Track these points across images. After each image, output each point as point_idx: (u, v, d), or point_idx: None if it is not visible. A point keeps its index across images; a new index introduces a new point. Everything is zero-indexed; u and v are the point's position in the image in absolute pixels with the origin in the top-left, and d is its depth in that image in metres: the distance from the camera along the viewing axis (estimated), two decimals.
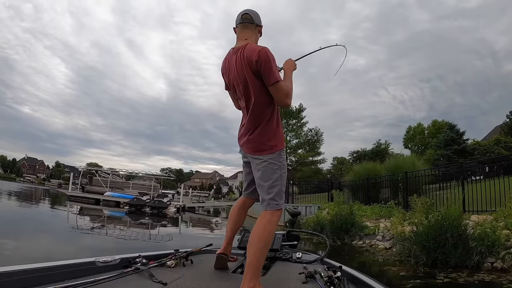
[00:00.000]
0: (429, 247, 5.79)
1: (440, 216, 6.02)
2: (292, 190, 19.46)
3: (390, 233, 8.31)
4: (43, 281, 1.66)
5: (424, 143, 42.96)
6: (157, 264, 2.24)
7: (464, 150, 28.44)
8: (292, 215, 3.87)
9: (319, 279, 2.02)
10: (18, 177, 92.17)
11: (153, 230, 13.93)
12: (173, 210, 23.24)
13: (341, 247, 8.92)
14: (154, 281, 1.87)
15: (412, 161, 13.86)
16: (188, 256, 2.45)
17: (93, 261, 2.05)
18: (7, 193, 27.57)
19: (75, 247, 7.95)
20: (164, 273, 2.09)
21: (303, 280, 2.07)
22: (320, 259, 2.84)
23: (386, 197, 12.33)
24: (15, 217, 12.22)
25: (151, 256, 2.38)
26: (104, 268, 2.05)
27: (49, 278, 1.71)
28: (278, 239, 3.07)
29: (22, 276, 1.61)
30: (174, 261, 2.32)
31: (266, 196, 2.05)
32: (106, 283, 1.75)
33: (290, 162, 40.87)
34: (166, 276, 2.00)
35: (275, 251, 2.93)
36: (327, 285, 1.91)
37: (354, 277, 2.26)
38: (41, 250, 6.94)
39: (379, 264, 6.46)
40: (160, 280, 1.88)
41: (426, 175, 10.58)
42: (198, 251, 2.78)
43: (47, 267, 1.76)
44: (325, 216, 11.85)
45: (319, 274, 2.10)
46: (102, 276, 1.83)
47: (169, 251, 2.60)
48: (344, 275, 2.19)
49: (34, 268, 1.69)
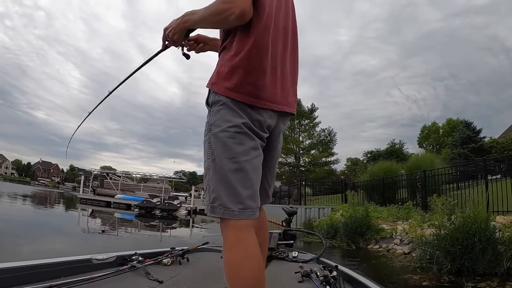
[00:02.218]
0: (454, 253, 5.21)
1: (466, 218, 5.47)
2: (304, 191, 18.93)
3: (408, 236, 7.72)
4: (38, 278, 1.64)
5: (439, 142, 42.01)
6: (153, 262, 2.21)
7: (481, 148, 27.66)
8: (288, 214, 3.81)
9: (315, 279, 2.01)
10: (32, 180, 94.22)
11: (153, 231, 13.63)
12: (184, 212, 23.08)
13: (356, 251, 8.36)
14: (150, 279, 1.86)
15: (430, 159, 13.13)
16: (184, 254, 2.44)
17: (89, 258, 2.02)
18: (21, 196, 27.78)
19: (74, 247, 7.76)
20: (160, 271, 2.09)
21: (299, 279, 2.07)
22: (316, 259, 2.83)
23: (403, 198, 11.65)
24: (20, 219, 12.05)
25: (147, 254, 2.35)
26: (99, 265, 2.02)
27: (44, 275, 1.69)
28: (274, 238, 3.05)
29: (17, 273, 1.59)
30: (170, 259, 2.31)
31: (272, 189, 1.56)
32: (102, 281, 1.73)
33: (303, 163, 40.42)
34: (162, 274, 1.99)
35: (271, 250, 2.91)
36: (323, 284, 1.90)
37: (350, 276, 2.21)
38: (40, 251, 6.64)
39: (398, 271, 5.87)
40: (156, 278, 1.87)
41: (446, 173, 9.90)
42: (195, 249, 2.75)
43: (42, 264, 1.73)
44: (339, 218, 11.29)
45: (315, 274, 2.09)
46: (97, 273, 1.81)
47: (165, 249, 2.57)
48: (340, 274, 2.17)
49: (29, 265, 1.67)
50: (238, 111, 1.25)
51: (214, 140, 1.25)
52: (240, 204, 1.20)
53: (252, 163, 1.26)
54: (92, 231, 11.07)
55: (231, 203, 1.20)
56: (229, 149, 1.22)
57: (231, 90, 1.26)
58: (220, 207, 1.20)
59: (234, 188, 1.21)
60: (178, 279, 1.95)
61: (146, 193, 28.21)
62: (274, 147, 1.48)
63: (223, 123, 1.24)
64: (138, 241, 10.09)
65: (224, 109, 1.26)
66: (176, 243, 4.24)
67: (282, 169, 40.91)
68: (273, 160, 1.51)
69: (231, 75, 1.26)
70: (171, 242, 9.02)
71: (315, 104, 40.98)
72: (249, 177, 1.24)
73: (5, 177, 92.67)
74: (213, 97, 1.30)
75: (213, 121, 1.27)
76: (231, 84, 1.26)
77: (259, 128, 1.30)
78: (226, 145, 1.23)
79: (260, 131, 1.31)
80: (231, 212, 1.19)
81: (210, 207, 1.23)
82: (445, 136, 40.61)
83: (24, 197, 26.73)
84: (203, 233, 13.74)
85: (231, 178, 1.21)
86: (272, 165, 1.51)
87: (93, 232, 10.97)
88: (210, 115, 1.30)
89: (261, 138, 1.32)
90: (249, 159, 1.25)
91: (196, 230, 15.49)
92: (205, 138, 1.30)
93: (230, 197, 1.20)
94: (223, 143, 1.23)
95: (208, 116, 1.31)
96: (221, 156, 1.23)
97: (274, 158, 1.51)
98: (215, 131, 1.25)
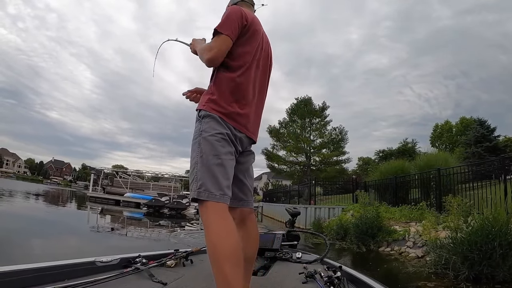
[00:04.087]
0: (472, 258, 4.83)
1: (484, 220, 5.10)
2: (314, 191, 18.56)
3: (422, 239, 7.31)
4: (43, 281, 1.65)
5: (452, 141, 41.01)
6: (157, 264, 2.24)
7: (495, 147, 26.72)
8: (291, 215, 3.80)
9: (319, 279, 2.05)
10: (45, 179, 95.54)
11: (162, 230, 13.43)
12: (193, 211, 22.93)
13: (366, 254, 8.00)
14: (154, 281, 1.87)
15: (444, 157, 12.57)
16: (188, 256, 2.47)
17: (93, 261, 2.03)
18: (34, 194, 28.04)
19: (75, 246, 7.56)
20: (164, 273, 2.11)
21: (303, 280, 2.09)
22: (320, 259, 2.85)
23: (417, 198, 11.13)
24: (30, 216, 12.02)
25: (150, 256, 2.37)
26: (104, 268, 2.03)
27: (49, 278, 1.69)
28: (278, 239, 3.06)
29: (22, 276, 1.59)
30: (174, 261, 2.34)
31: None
32: (106, 283, 1.74)
33: (314, 162, 39.89)
34: (166, 276, 2.01)
35: (275, 251, 2.96)
36: (327, 285, 1.93)
37: (354, 277, 2.22)
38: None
39: (411, 277, 5.48)
40: (160, 280, 1.88)
41: (461, 172, 9.43)
42: (198, 251, 2.78)
43: (47, 267, 1.74)
44: (349, 218, 10.93)
45: (319, 274, 2.12)
46: (102, 276, 1.82)
47: (169, 251, 2.59)
48: (344, 275, 2.18)
49: (34, 268, 1.68)
50: (223, 124, 1.63)
51: (203, 141, 1.59)
52: (220, 190, 1.51)
53: (230, 163, 1.62)
54: (100, 230, 10.93)
55: (214, 189, 1.50)
56: (215, 149, 1.57)
57: (220, 112, 1.64)
58: (205, 191, 1.49)
59: (216, 178, 1.52)
60: (182, 281, 1.97)
61: (156, 191, 28.18)
62: (242, 162, 1.82)
63: (212, 130, 1.60)
64: (143, 242, 9.88)
65: (213, 121, 1.62)
66: (179, 245, 4.08)
67: (293, 168, 40.47)
68: (243, 168, 1.83)
69: (220, 102, 1.66)
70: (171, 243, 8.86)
71: (326, 103, 40.33)
72: (227, 172, 1.58)
73: (17, 176, 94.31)
74: (204, 113, 1.65)
75: (203, 128, 1.62)
76: (220, 108, 1.65)
77: (236, 141, 1.68)
78: (213, 146, 1.57)
79: (237, 144, 1.69)
80: (214, 195, 1.49)
81: (197, 192, 1.50)
82: (458, 135, 39.66)
83: (37, 195, 27.05)
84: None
85: (215, 170, 1.53)
86: (243, 171, 1.84)
87: (101, 231, 10.82)
88: (201, 124, 1.64)
89: (236, 148, 1.69)
90: (227, 159, 1.60)
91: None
92: (195, 141, 1.63)
93: (214, 184, 1.51)
94: (211, 144, 1.57)
95: (199, 125, 1.65)
96: (208, 153, 1.56)
97: (243, 166, 1.83)
98: (204, 135, 1.60)
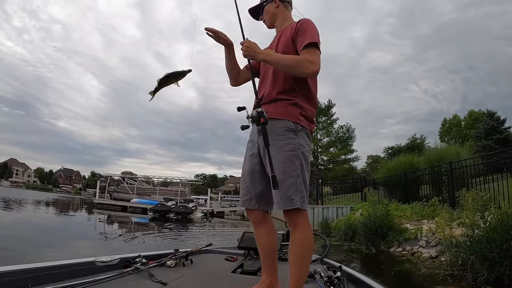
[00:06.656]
0: (492, 258, 4.37)
1: (504, 215, 4.65)
2: (322, 190, 18.13)
3: (435, 237, 6.83)
4: (43, 281, 1.64)
5: (461, 135, 40.23)
6: (156, 264, 2.23)
7: (506, 139, 26.10)
8: None
9: (319, 279, 2.08)
10: (55, 187, 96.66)
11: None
12: (200, 215, 22.72)
13: (377, 255, 7.54)
14: (154, 281, 1.85)
15: (456, 150, 11.99)
16: (188, 256, 2.46)
17: (93, 261, 2.02)
18: (44, 202, 28.49)
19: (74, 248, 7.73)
20: (164, 273, 2.10)
21: None
22: (320, 259, 2.89)
23: (428, 194, 10.57)
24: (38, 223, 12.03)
25: (150, 256, 2.35)
26: (103, 268, 2.02)
27: (49, 278, 1.69)
28: (278, 239, 2.97)
29: (22, 276, 1.59)
30: (174, 261, 2.33)
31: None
32: (106, 283, 1.74)
33: (321, 162, 39.40)
34: (166, 276, 1.99)
35: None
36: (327, 285, 1.97)
37: (354, 277, 2.22)
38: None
39: (425, 279, 5.03)
40: (160, 280, 1.87)
41: (475, 164, 8.89)
42: (198, 251, 2.80)
43: (46, 267, 1.73)
44: (358, 218, 10.46)
45: (319, 274, 2.15)
46: (101, 276, 1.82)
47: (169, 251, 2.58)
48: (344, 275, 2.19)
49: (34, 268, 1.67)
50: (310, 140, 1.89)
51: (302, 156, 1.78)
52: (307, 200, 1.79)
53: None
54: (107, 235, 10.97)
55: (307, 200, 1.78)
56: (308, 164, 1.81)
57: (308, 129, 1.87)
58: (304, 202, 1.74)
59: (307, 190, 1.80)
60: (182, 281, 1.96)
61: (162, 196, 28.01)
62: None
63: (307, 146, 1.83)
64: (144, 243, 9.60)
65: (306, 137, 1.85)
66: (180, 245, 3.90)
67: None
68: None
69: (310, 118, 1.89)
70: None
71: (332, 101, 39.79)
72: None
73: (27, 185, 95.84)
74: (301, 127, 1.81)
75: (301, 143, 1.79)
76: (309, 125, 1.88)
77: None
78: (307, 162, 1.81)
79: None
80: (307, 205, 1.78)
81: (300, 202, 1.71)
82: (467, 129, 38.91)
83: (47, 203, 27.45)
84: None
85: (307, 184, 1.80)
86: None
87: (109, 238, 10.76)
88: (297, 137, 1.79)
89: None
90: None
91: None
92: (294, 153, 1.76)
93: (306, 195, 1.78)
94: (306, 159, 1.81)
95: (295, 137, 1.78)
96: (305, 168, 1.79)
97: None
98: (303, 150, 1.79)
